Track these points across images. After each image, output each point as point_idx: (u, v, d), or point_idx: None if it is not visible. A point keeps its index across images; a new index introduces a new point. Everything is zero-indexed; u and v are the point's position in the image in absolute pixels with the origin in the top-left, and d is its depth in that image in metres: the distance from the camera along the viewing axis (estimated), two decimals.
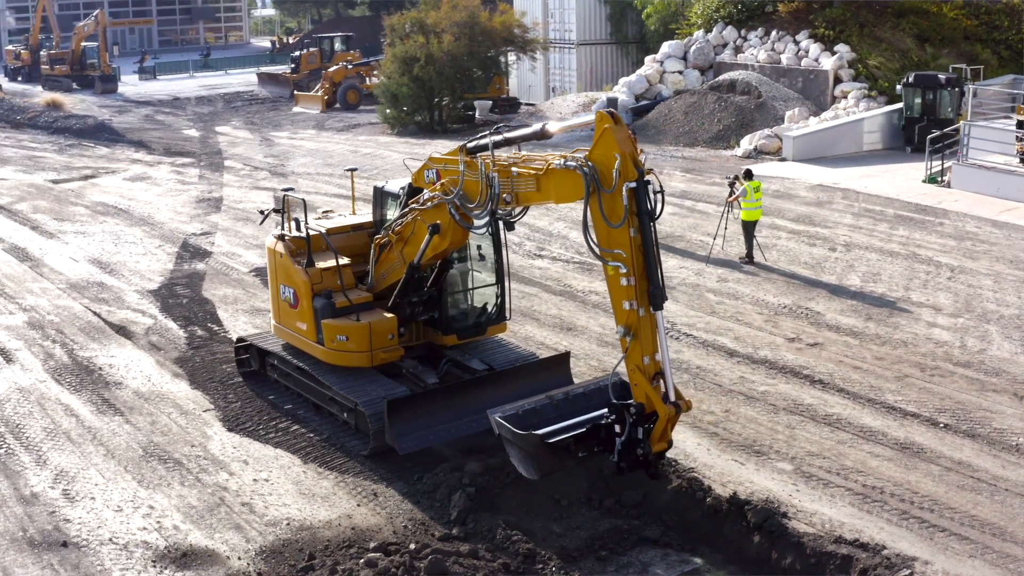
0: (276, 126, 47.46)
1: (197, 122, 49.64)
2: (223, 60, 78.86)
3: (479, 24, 41.51)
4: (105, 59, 62.89)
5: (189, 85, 64.74)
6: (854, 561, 11.08)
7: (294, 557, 11.31)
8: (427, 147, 37.34)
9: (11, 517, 12.37)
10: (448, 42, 40.55)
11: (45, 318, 19.87)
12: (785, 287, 20.03)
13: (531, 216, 25.85)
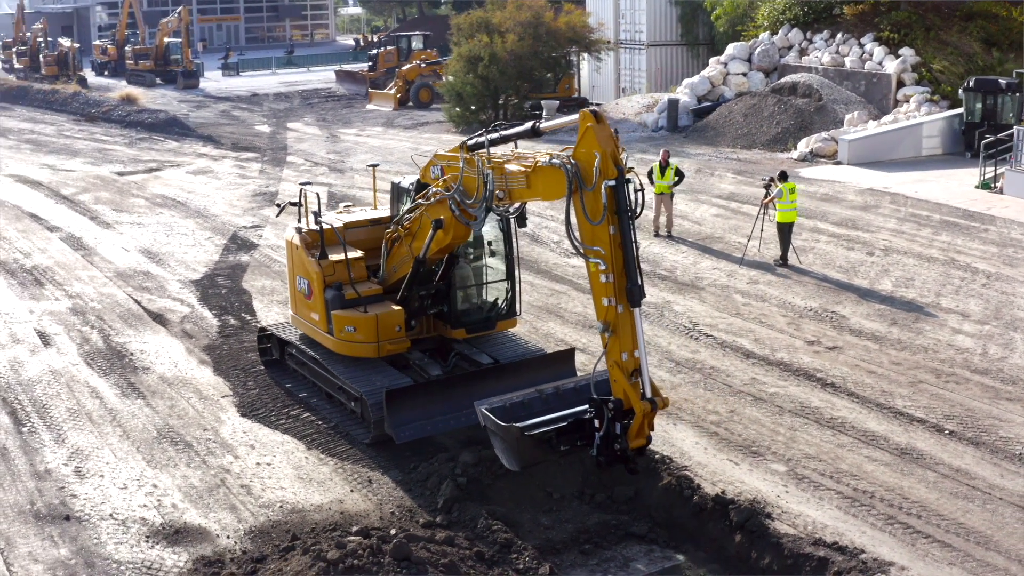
0: (346, 123, 48.27)
1: (271, 118, 50.70)
2: (306, 57, 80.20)
3: (543, 24, 41.75)
4: (187, 55, 64.46)
5: (270, 82, 66.06)
6: (830, 564, 11.08)
7: (279, 538, 11.70)
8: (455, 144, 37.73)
9: (23, 491, 13.00)
10: (512, 42, 40.88)
11: (88, 304, 20.67)
12: (815, 290, 19.89)
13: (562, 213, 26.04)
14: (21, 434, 14.67)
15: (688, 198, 27.76)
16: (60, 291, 21.62)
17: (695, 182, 29.58)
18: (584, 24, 43.07)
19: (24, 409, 15.53)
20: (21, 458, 13.91)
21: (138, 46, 68.31)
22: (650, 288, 20.03)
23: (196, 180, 34.26)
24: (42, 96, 52.21)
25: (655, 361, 16.84)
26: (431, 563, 10.13)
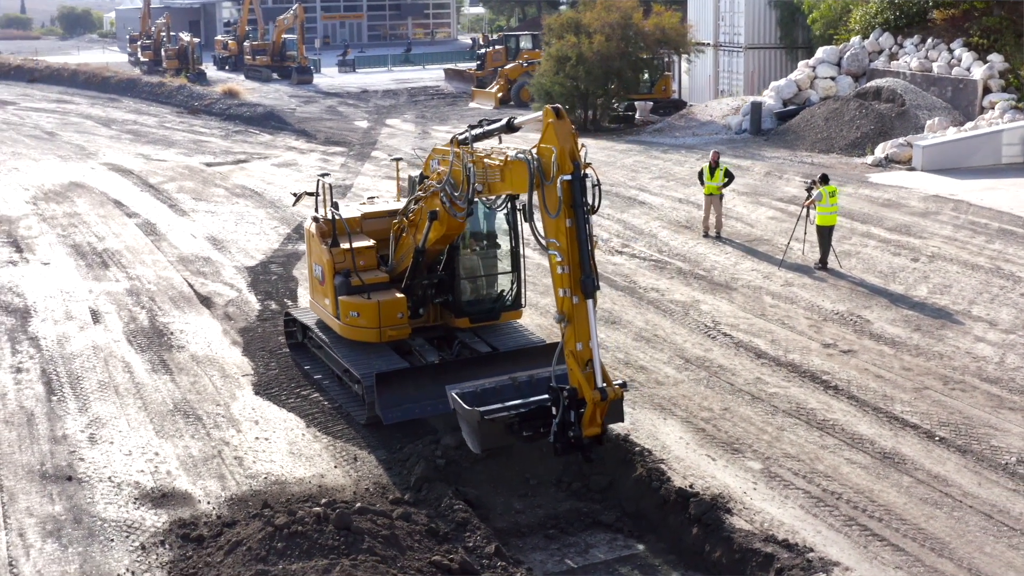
0: (442, 120, 49.19)
1: (373, 114, 51.96)
2: (423, 56, 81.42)
3: (632, 26, 41.89)
4: (302, 51, 66.25)
5: (383, 79, 67.36)
6: (775, 560, 11.22)
7: (254, 506, 12.39)
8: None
9: (37, 453, 14.02)
10: (599, 42, 41.13)
11: (144, 286, 21.88)
12: (848, 294, 19.75)
13: (628, 213, 26.34)
14: (50, 402, 15.76)
15: (748, 200, 27.69)
16: (122, 273, 22.90)
17: (759, 184, 29.44)
18: (674, 26, 43.02)
19: (59, 380, 16.64)
20: (44, 423, 14.97)
21: (256, 42, 70.50)
22: (682, 287, 20.29)
23: (278, 172, 35.55)
24: (149, 88, 54.66)
25: (664, 358, 17.06)
26: (371, 534, 10.65)
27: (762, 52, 49.09)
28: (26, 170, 35.60)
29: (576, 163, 11.37)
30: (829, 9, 43.64)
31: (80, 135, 43.27)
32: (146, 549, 11.54)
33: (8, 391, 16.16)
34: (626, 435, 14.20)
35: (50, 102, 52.98)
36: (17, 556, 11.45)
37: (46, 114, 49.02)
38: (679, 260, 22.60)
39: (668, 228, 25.36)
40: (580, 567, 11.97)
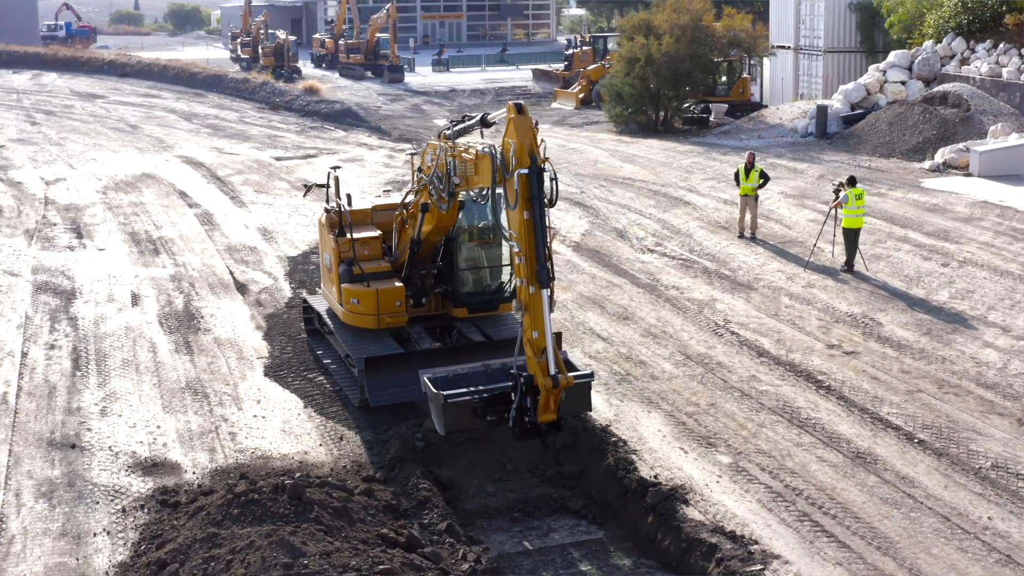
0: None
1: (454, 113, 52.65)
2: (519, 56, 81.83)
3: (702, 28, 41.86)
4: (394, 50, 67.22)
5: (473, 79, 67.90)
6: (717, 550, 11.45)
7: (234, 477, 13.08)
8: (632, 146, 38.43)
9: (50, 422, 14.96)
10: (667, 44, 41.22)
11: (187, 272, 22.90)
12: (867, 297, 19.68)
13: (671, 213, 26.54)
14: (74, 377, 16.74)
15: (792, 202, 27.61)
16: (170, 260, 23.98)
17: (809, 187, 29.29)
18: (745, 28, 42.84)
19: (87, 357, 17.64)
20: (63, 396, 15.94)
21: (351, 40, 71.78)
22: (703, 286, 20.47)
23: (343, 167, 36.42)
24: (234, 85, 56.38)
25: (666, 354, 17.30)
26: (321, 505, 11.21)
27: (841, 56, 48.43)
28: (103, 161, 37.24)
29: (533, 157, 11.76)
30: (906, 13, 42.92)
31: (161, 128, 45.01)
32: (126, 512, 12.31)
33: (38, 365, 17.20)
34: (606, 425, 14.55)
35: (138, 96, 55.11)
36: (8, 514, 12.32)
37: (132, 107, 51.05)
38: (707, 260, 22.73)
39: (706, 228, 25.46)
40: (536, 549, 12.36)
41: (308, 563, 9.65)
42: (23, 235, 26.12)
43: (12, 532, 11.89)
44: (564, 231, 25.66)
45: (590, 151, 37.76)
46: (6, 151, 38.85)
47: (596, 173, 33.06)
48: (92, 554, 11.43)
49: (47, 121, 46.44)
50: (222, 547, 10.38)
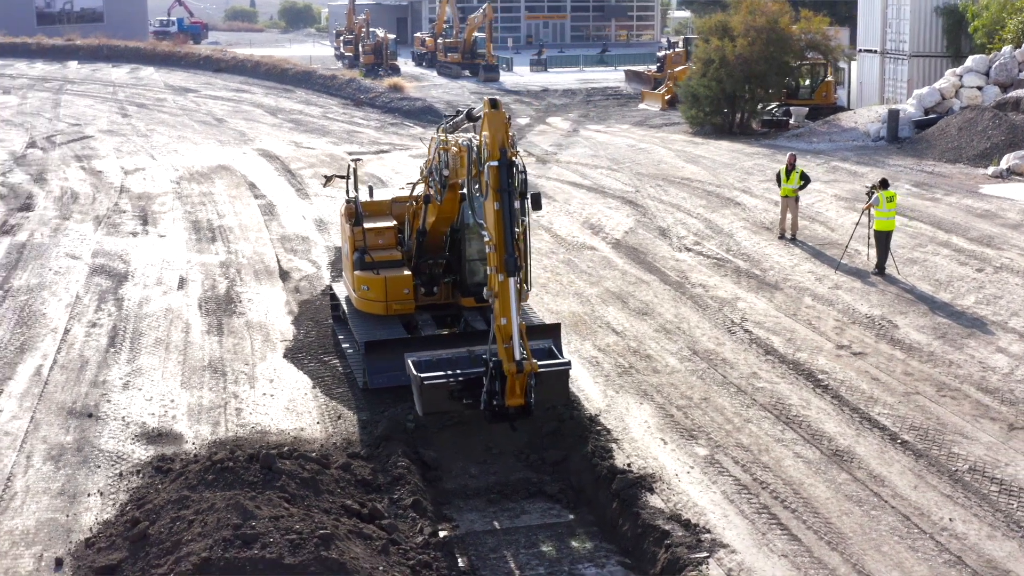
0: (601, 120, 49.83)
1: (540, 112, 53.11)
2: (618, 57, 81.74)
3: (777, 30, 41.59)
4: (489, 49, 67.86)
5: (569, 79, 67.93)
6: (668, 536, 11.75)
7: (228, 449, 13.82)
8: (701, 147, 38.45)
9: (74, 393, 15.97)
10: (741, 46, 41.09)
11: (237, 259, 23.92)
12: (891, 299, 19.58)
13: (718, 213, 26.64)
14: (107, 353, 17.77)
15: (843, 205, 27.43)
16: (224, 247, 25.05)
17: (863, 191, 28.94)
18: (821, 31, 42.40)
19: (123, 335, 18.69)
20: (93, 370, 16.97)
21: (449, 40, 72.71)
22: (730, 284, 20.64)
23: (411, 163, 37.28)
24: (322, 81, 57.85)
25: (674, 349, 17.55)
26: (290, 475, 11.85)
27: (926, 60, 47.52)
28: (184, 153, 38.80)
29: (503, 150, 12.23)
30: (990, 17, 41.92)
31: (246, 122, 46.57)
32: (122, 476, 13.16)
33: (77, 341, 18.30)
34: (595, 415, 14.93)
35: (229, 91, 57.01)
36: (16, 473, 13.28)
37: (221, 102, 52.86)
38: (741, 259, 22.82)
39: (749, 229, 25.49)
40: (504, 528, 12.81)
41: (256, 525, 10.29)
42: (92, 221, 27.54)
43: (16, 490, 12.83)
44: (608, 228, 25.98)
45: (658, 151, 37.89)
46: (93, 141, 40.74)
47: (656, 173, 33.22)
48: (82, 512, 12.28)
49: (138, 113, 48.48)
50: (189, 508, 11.10)
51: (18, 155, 37.49)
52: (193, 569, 9.87)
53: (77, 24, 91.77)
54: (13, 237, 25.56)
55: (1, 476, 13.19)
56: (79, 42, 77.48)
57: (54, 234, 25.99)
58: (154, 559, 10.48)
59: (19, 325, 19.04)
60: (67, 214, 28.32)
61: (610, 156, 36.87)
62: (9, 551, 11.43)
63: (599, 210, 28.14)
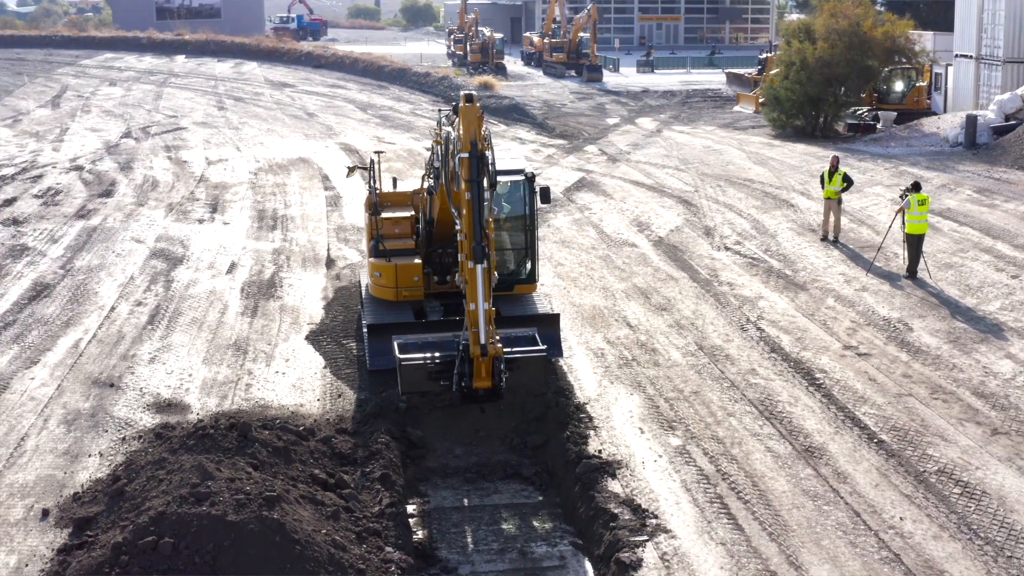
0: (690, 122, 49.72)
1: (633, 113, 53.21)
2: (728, 59, 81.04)
3: (859, 33, 41.03)
4: (593, 50, 68.19)
5: (672, 80, 67.73)
6: (616, 519, 12.15)
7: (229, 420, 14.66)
8: (775, 150, 38.24)
9: (103, 365, 17.10)
10: (822, 48, 40.69)
11: (290, 247, 24.96)
12: (914, 303, 19.45)
13: (769, 214, 26.65)
14: (144, 330, 18.90)
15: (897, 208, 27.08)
16: (281, 235, 26.15)
17: None
18: (904, 35, 41.63)
19: (163, 314, 19.82)
20: (126, 344, 18.10)
21: (555, 39, 73.25)
22: (757, 283, 20.82)
23: None
24: (416, 78, 59.05)
25: (681, 343, 17.82)
26: (263, 443, 12.63)
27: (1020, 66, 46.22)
28: (269, 145, 40.28)
29: (474, 143, 12.78)
30: None
31: (335, 117, 47.99)
32: (125, 441, 14.14)
33: (119, 318, 19.49)
34: (583, 403, 15.37)
35: (326, 87, 58.66)
36: (31, 434, 14.39)
37: (316, 97, 54.48)
38: (777, 260, 22.85)
39: (795, 230, 25.45)
40: (471, 506, 13.36)
41: (211, 485, 11.05)
42: (164, 208, 29.00)
43: (26, 448, 13.93)
44: (654, 226, 26.23)
45: (731, 153, 37.81)
46: (186, 133, 42.60)
47: (720, 174, 33.23)
48: (79, 471, 13.28)
49: (234, 107, 50.37)
50: (164, 469, 11.95)
51: (112, 144, 39.50)
52: (149, 522, 10.68)
53: (195, 20, 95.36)
54: (87, 221, 27.13)
55: (16, 436, 14.29)
56: (188, 37, 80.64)
57: (126, 219, 27.48)
58: (124, 513, 11.34)
59: (71, 302, 20.35)
60: (143, 201, 29.86)
61: (682, 156, 36.94)
62: (5, 501, 12.46)
63: (651, 208, 28.38)
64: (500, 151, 29.27)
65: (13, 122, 45.61)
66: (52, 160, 35.93)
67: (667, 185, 31.68)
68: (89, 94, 55.06)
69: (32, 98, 53.97)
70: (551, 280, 21.65)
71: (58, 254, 23.74)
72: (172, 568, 10.21)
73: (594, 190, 31.30)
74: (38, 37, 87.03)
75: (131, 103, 51.60)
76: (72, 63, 71.99)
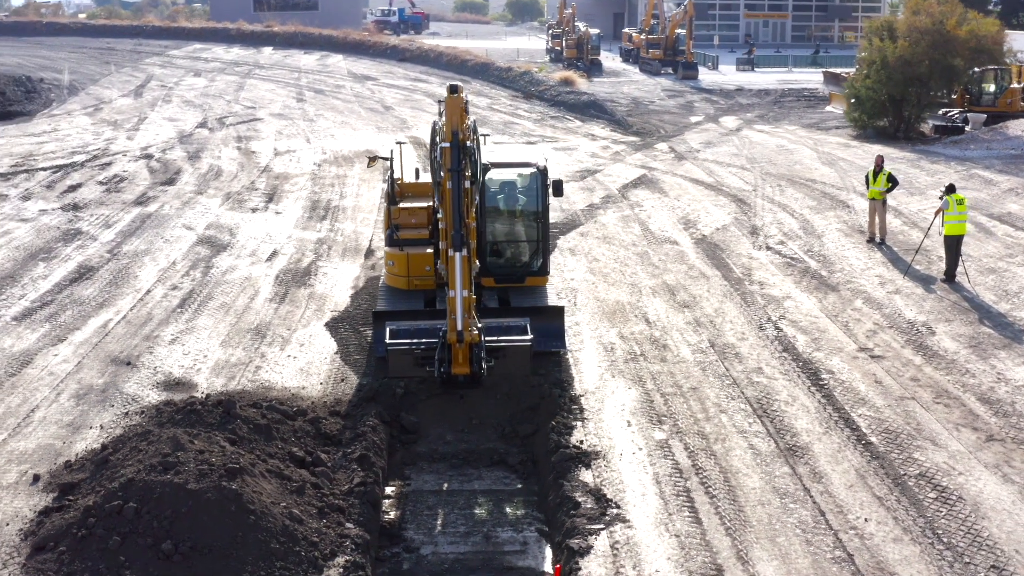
0: (774, 121, 49.30)
1: (719, 111, 52.98)
2: (833, 58, 79.79)
3: (942, 32, 40.29)
4: (689, 47, 67.85)
5: (769, 79, 66.71)
6: (578, 507, 12.52)
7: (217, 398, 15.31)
8: (848, 150, 37.84)
9: (126, 345, 18.06)
10: (902, 47, 40.10)
11: (334, 236, 25.80)
12: (943, 307, 19.29)
13: (821, 215, 26.57)
14: (173, 312, 19.86)
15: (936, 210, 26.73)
16: (329, 226, 27.01)
17: (986, 200, 28.10)
18: (990, 34, 40.70)
19: (195, 298, 20.76)
20: (152, 326, 19.07)
21: (651, 36, 73.06)
22: (788, 283, 20.96)
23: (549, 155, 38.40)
24: (498, 73, 59.70)
25: (695, 340, 18.03)
26: (245, 420, 13.35)
27: None
28: (340, 138, 41.35)
29: (456, 133, 13.29)
30: None
31: (411, 111, 48.96)
32: (127, 415, 15.01)
33: (152, 301, 20.52)
34: (580, 395, 15.75)
35: (408, 80, 59.76)
36: (41, 406, 15.38)
37: (396, 90, 55.56)
38: (816, 260, 22.81)
39: (843, 231, 25.32)
40: (449, 490, 13.85)
41: (180, 456, 11.79)
42: (222, 196, 30.17)
43: (34, 419, 14.90)
44: (700, 225, 26.36)
45: (802, 152, 37.54)
46: (260, 123, 44.01)
47: (784, 173, 33.09)
48: (78, 441, 14.18)
49: (313, 99, 51.73)
50: (146, 440, 12.75)
51: (186, 134, 41.05)
52: (118, 488, 11.47)
53: (292, 11, 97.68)
54: (144, 208, 28.42)
55: (28, 407, 15.30)
56: (277, 29, 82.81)
57: (182, 207, 28.70)
58: (103, 479, 12.16)
59: (110, 284, 21.48)
60: (203, 189, 31.09)
61: (750, 156, 36.83)
62: (2, 466, 13.41)
63: (703, 206, 28.48)
64: (518, 145, 29.99)
65: (94, 110, 47.69)
66: (124, 148, 37.56)
67: (726, 184, 31.69)
68: (172, 84, 57.12)
69: (116, 87, 56.26)
70: (582, 275, 22.02)
71: (108, 239, 24.98)
72: (132, 531, 10.96)
73: (651, 187, 31.48)
74: (130, 27, 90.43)
75: (212, 94, 53.41)
76: (160, 53, 74.68)
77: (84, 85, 57.24)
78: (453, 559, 12.27)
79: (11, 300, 20.15)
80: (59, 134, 41.08)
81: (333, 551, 11.49)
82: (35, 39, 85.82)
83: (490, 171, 17.58)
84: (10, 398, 15.62)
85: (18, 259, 22.94)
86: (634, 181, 32.53)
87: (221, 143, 39.27)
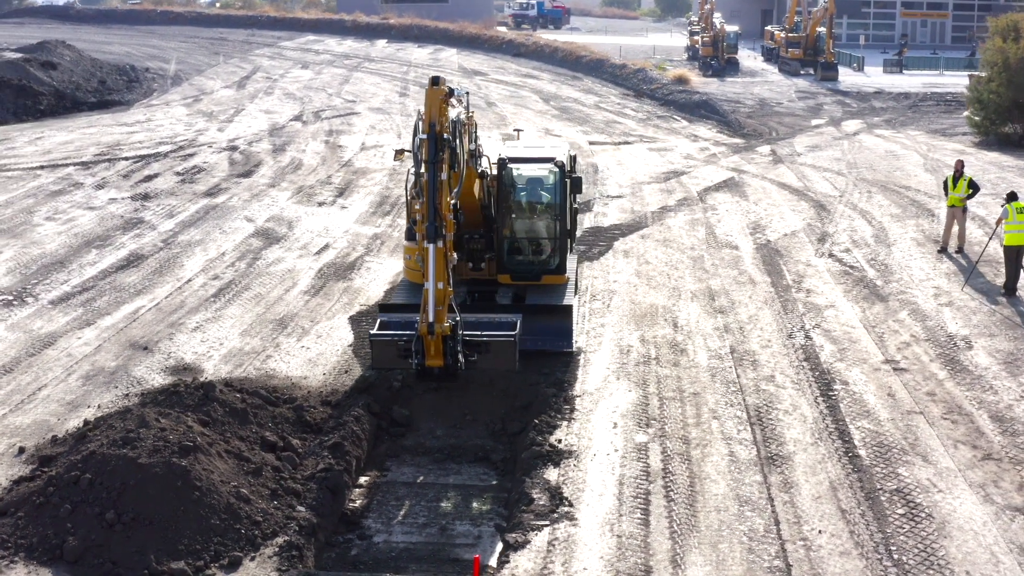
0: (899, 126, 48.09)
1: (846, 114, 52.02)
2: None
3: None
4: (829, 46, 66.55)
5: (915, 82, 64.76)
6: (532, 503, 13.09)
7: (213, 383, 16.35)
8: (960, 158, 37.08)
9: (150, 331, 19.34)
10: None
11: (391, 232, 26.76)
12: (992, 321, 19.06)
13: (901, 222, 26.38)
14: (205, 301, 21.09)
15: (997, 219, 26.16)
16: (389, 222, 28.05)
17: None
18: None
19: (232, 289, 21.96)
20: (179, 314, 20.34)
21: (792, 34, 71.84)
22: (837, 292, 21.18)
23: (645, 155, 38.72)
24: (611, 70, 60.06)
25: (716, 347, 18.32)
26: (222, 403, 14.35)
27: None
28: None
29: (433, 124, 14.01)
30: None
31: (513, 107, 49.84)
32: (127, 396, 16.22)
33: (190, 288, 21.85)
34: (578, 395, 16.29)
35: (518, 76, 60.69)
36: (48, 384, 16.72)
37: (503, 86, 56.53)
38: (876, 269, 22.70)
39: (917, 240, 25.06)
40: (422, 483, 14.57)
41: (142, 433, 12.84)
42: (293, 190, 31.58)
43: (38, 397, 16.23)
44: (768, 230, 26.41)
45: (909, 159, 36.90)
46: (356, 117, 45.58)
47: (879, 180, 32.71)
48: (72, 419, 15.41)
49: (417, 94, 52.99)
50: (122, 419, 13.88)
51: (278, 127, 42.86)
52: (80, 459, 12.59)
53: (422, 4, 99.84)
54: (212, 199, 30.01)
55: (36, 385, 16.67)
56: (393, 21, 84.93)
57: (250, 199, 30.19)
58: (74, 453, 13.32)
59: (155, 272, 22.93)
60: (277, 182, 32.59)
61: (851, 161, 36.42)
62: None
63: (780, 211, 28.47)
64: (544, 140, 30.43)
65: (193, 101, 50.13)
66: (212, 140, 39.51)
67: (814, 189, 31.53)
68: (278, 76, 59.44)
69: (221, 78, 58.88)
70: (627, 278, 22.45)
71: (167, 228, 26.56)
72: (84, 500, 12.05)
73: (733, 191, 31.56)
74: (244, 17, 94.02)
75: (316, 87, 55.40)
76: (272, 44, 77.58)
77: (189, 75, 60.11)
78: (402, 548, 12.98)
79: (54, 285, 21.73)
80: (152, 124, 43.44)
81: (275, 531, 12.33)
82: (148, 28, 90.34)
83: (507, 167, 18.29)
84: (23, 376, 17.02)
85: (73, 246, 24.64)
86: (718, 184, 32.63)
87: (311, 136, 40.88)
